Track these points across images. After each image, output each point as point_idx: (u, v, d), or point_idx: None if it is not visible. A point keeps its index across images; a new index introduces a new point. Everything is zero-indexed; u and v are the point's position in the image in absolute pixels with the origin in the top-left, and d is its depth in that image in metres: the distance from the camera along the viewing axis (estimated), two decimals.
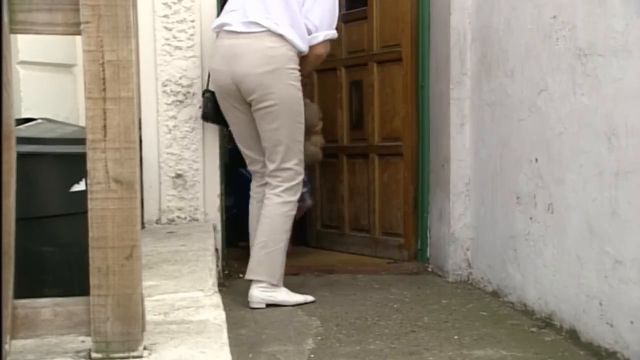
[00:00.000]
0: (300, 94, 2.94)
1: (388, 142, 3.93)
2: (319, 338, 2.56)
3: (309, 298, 3.03)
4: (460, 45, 3.32)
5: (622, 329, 2.13)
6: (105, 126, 1.32)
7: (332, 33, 3.03)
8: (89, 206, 1.32)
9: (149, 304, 1.78)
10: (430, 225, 3.69)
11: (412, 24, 3.75)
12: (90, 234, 1.33)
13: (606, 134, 2.18)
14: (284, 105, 2.90)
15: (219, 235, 3.28)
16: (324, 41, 3.00)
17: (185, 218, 3.24)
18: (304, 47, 2.92)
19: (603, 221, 2.21)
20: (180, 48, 3.16)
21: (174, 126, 3.20)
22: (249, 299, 2.92)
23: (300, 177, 3.00)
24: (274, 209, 2.95)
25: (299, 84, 2.92)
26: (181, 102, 3.17)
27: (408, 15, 3.76)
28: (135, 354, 1.37)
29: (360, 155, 4.11)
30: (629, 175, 2.09)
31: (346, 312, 2.90)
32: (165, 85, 3.17)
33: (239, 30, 2.88)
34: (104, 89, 1.32)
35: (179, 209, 3.23)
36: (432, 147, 3.68)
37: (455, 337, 2.53)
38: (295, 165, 2.98)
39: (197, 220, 3.24)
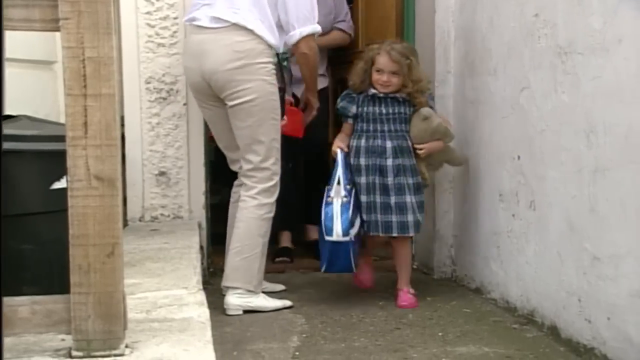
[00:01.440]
0: (273, 89, 2.77)
1: None
2: (304, 335, 2.56)
3: (287, 303, 2.90)
4: (444, 43, 3.33)
5: (599, 325, 2.15)
6: (86, 123, 1.32)
7: (310, 29, 2.84)
8: (70, 203, 1.32)
9: (131, 301, 1.78)
10: None
11: (397, 22, 3.75)
12: (70, 232, 1.32)
13: (585, 131, 2.20)
14: (256, 101, 2.75)
15: (204, 232, 3.27)
16: (304, 38, 2.82)
17: (169, 216, 3.23)
18: (274, 42, 2.77)
19: (582, 218, 2.24)
20: (163, 45, 3.15)
21: (157, 123, 3.18)
22: (225, 306, 2.78)
23: (277, 178, 2.83)
24: (248, 213, 2.81)
25: (271, 78, 2.76)
26: (164, 99, 3.16)
27: (393, 13, 3.77)
28: (117, 352, 1.37)
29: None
30: (607, 172, 2.11)
31: (331, 309, 2.91)
32: (148, 83, 3.16)
33: (206, 25, 2.76)
34: (85, 86, 1.32)
35: (163, 207, 3.22)
36: None
37: (440, 333, 2.55)
38: (272, 165, 2.82)
39: (181, 218, 3.23)
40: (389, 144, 2.89)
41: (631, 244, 1.99)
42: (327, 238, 2.82)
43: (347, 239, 2.80)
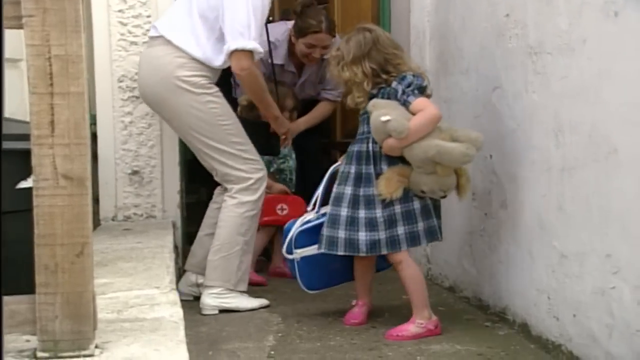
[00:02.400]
0: (202, 99, 2.71)
1: (350, 139, 3.93)
2: (280, 335, 2.56)
3: (264, 302, 2.90)
4: (419, 43, 3.35)
5: (566, 322, 2.18)
6: (52, 122, 1.31)
7: (239, 44, 2.64)
8: (35, 203, 1.31)
9: (101, 301, 1.77)
10: None
11: (373, 22, 3.77)
12: (35, 231, 1.31)
13: (554, 130, 2.23)
14: (179, 117, 2.76)
15: (179, 232, 3.26)
16: (233, 54, 2.66)
17: (142, 215, 3.21)
18: (200, 55, 2.70)
19: (551, 216, 2.27)
20: (136, 43, 3.13)
21: (130, 122, 3.17)
22: (200, 306, 2.78)
23: (255, 176, 2.80)
24: (228, 211, 2.81)
25: (198, 90, 2.71)
26: (137, 97, 3.13)
27: (369, 13, 3.79)
28: (86, 352, 1.36)
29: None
30: (573, 171, 2.14)
31: (307, 308, 2.91)
32: (121, 81, 3.14)
33: (149, 35, 2.86)
34: (51, 84, 1.30)
35: (136, 206, 3.20)
36: None
37: None
38: (242, 166, 2.80)
39: (154, 217, 3.22)
40: (354, 148, 2.61)
41: (594, 242, 2.03)
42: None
43: (290, 256, 2.72)
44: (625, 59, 1.88)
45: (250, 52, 2.68)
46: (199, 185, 3.89)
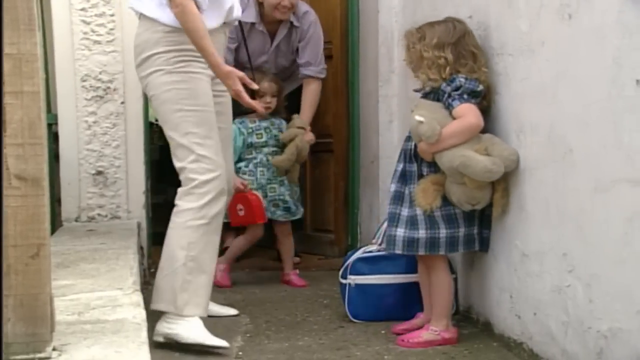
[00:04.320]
0: (173, 77, 2.37)
1: (319, 139, 3.94)
2: (248, 335, 2.56)
3: (223, 343, 2.32)
4: (388, 43, 3.37)
5: (527, 321, 2.21)
6: (4, 121, 1.28)
7: None
8: None
9: (61, 303, 1.75)
10: (361, 221, 3.73)
11: (342, 22, 3.79)
12: None
13: (515, 131, 2.26)
14: (155, 96, 2.41)
15: (144, 233, 3.24)
16: None
17: (106, 216, 3.18)
18: (167, 19, 2.36)
19: (513, 216, 2.29)
20: (99, 42, 3.10)
21: (94, 122, 3.14)
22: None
23: (202, 177, 2.36)
24: (170, 222, 2.42)
25: (172, 67, 2.37)
26: (101, 97, 3.11)
27: (338, 13, 3.80)
28: (42, 355, 1.34)
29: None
30: (533, 171, 2.17)
31: (276, 308, 2.91)
32: (84, 81, 3.11)
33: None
34: (2, 84, 1.28)
35: (100, 207, 3.17)
36: (362, 144, 3.73)
37: (382, 331, 2.58)
38: (190, 163, 2.36)
39: (119, 218, 3.19)
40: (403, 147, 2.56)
41: (552, 241, 2.06)
42: None
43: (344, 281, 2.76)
44: (578, 60, 1.92)
45: None
46: (166, 185, 3.86)
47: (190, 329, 2.32)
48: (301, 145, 3.33)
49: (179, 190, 2.42)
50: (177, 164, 2.41)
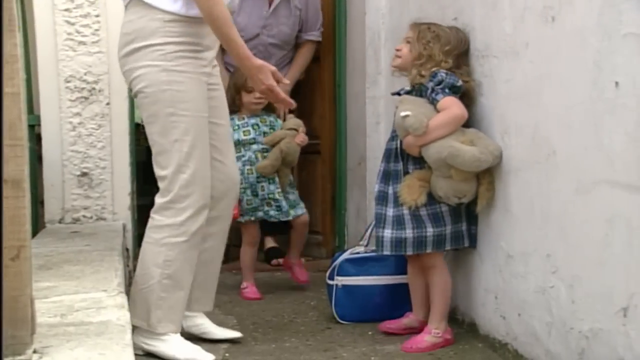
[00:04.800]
0: (167, 77, 2.16)
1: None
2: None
3: (208, 357, 2.23)
4: (375, 44, 3.37)
5: (512, 321, 2.22)
6: None
7: None
8: None
9: (44, 305, 1.73)
10: (348, 223, 3.74)
11: (329, 23, 3.78)
12: None
13: (500, 133, 2.28)
14: (145, 91, 2.18)
15: (130, 234, 3.22)
16: None
17: (91, 217, 3.16)
18: (174, 8, 2.15)
19: (499, 217, 2.30)
20: (84, 43, 3.08)
21: (79, 123, 3.12)
22: None
23: (182, 192, 2.20)
24: (145, 237, 2.28)
25: (172, 64, 2.17)
26: (86, 98, 3.09)
27: (325, 14, 3.79)
28: (22, 357, 1.33)
29: None
30: (518, 172, 2.18)
31: (263, 310, 2.91)
32: (68, 82, 3.09)
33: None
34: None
35: (85, 208, 3.15)
36: (349, 145, 3.73)
37: (370, 333, 2.59)
38: (172, 174, 2.19)
39: (104, 219, 3.17)
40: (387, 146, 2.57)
41: (537, 242, 2.07)
42: None
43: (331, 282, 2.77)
44: (560, 62, 1.93)
45: None
46: (153, 186, 3.84)
47: (171, 347, 2.24)
48: (287, 149, 3.16)
49: (157, 201, 2.25)
50: (159, 172, 2.23)
